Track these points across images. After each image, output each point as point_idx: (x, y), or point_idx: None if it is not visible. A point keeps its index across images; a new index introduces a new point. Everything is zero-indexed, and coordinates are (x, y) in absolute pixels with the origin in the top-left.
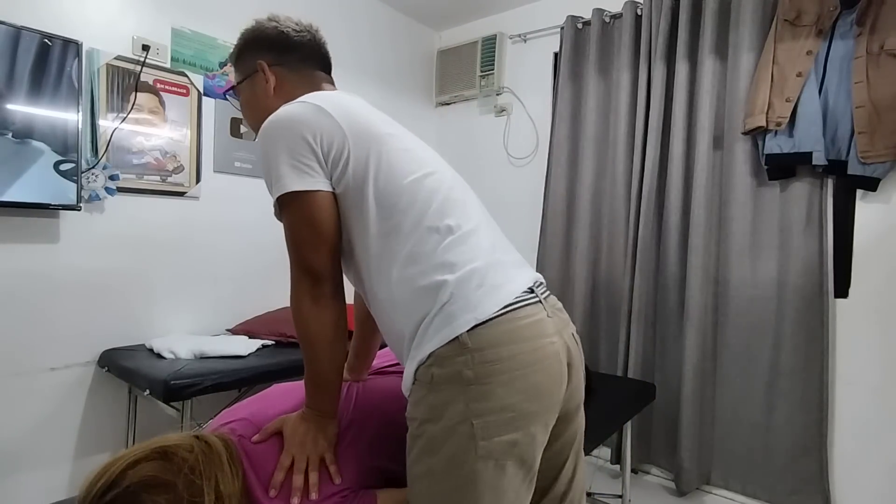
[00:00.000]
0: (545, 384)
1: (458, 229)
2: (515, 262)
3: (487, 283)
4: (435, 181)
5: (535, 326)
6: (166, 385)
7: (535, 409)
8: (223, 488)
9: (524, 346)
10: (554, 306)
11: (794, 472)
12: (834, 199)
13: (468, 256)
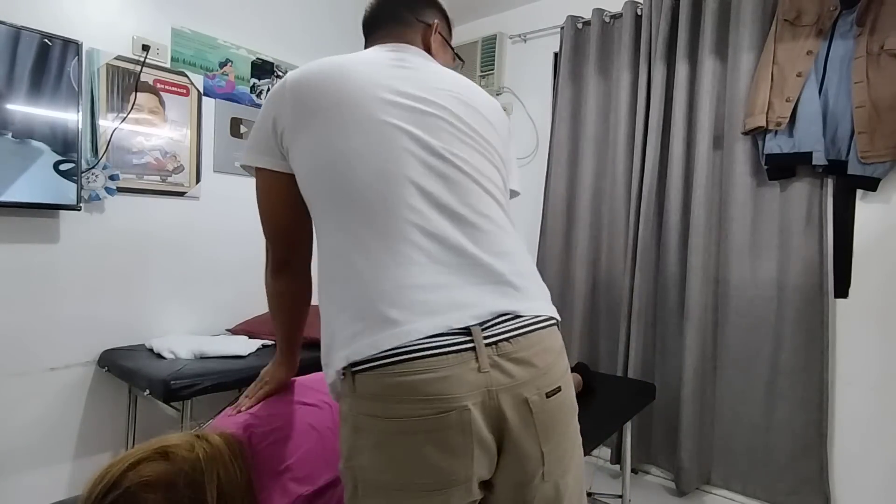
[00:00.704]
0: (432, 458)
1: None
2: (451, 286)
3: (370, 316)
4: None
5: (433, 385)
6: (166, 385)
7: (416, 482)
8: (226, 486)
9: (408, 408)
10: (509, 355)
11: (794, 472)
12: (834, 199)
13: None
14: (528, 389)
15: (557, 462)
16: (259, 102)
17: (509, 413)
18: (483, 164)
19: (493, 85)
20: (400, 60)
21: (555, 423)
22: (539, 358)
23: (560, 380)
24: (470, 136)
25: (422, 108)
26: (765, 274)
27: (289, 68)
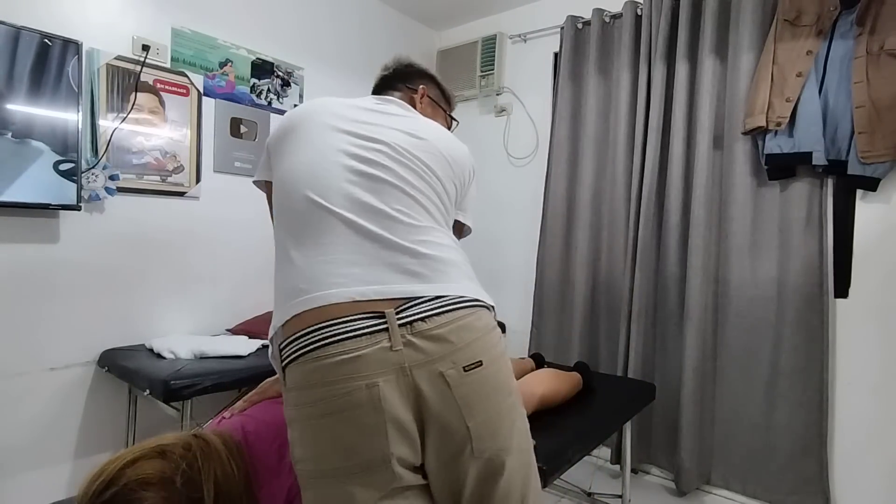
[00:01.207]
0: (348, 438)
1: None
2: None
3: (290, 293)
4: None
5: (345, 366)
6: (166, 385)
7: (338, 467)
8: (223, 484)
9: (322, 391)
10: (423, 333)
11: (794, 472)
12: (834, 199)
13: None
14: (444, 364)
15: (490, 438)
16: (259, 102)
17: (425, 388)
18: (416, 180)
19: (493, 85)
20: (379, 104)
21: (478, 397)
22: (455, 335)
23: (482, 355)
24: (409, 161)
25: (369, 135)
26: (765, 274)
27: (289, 68)
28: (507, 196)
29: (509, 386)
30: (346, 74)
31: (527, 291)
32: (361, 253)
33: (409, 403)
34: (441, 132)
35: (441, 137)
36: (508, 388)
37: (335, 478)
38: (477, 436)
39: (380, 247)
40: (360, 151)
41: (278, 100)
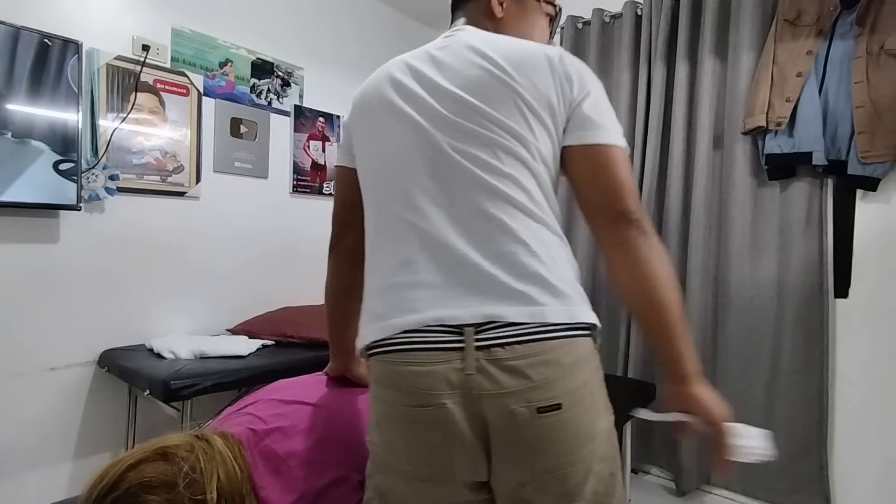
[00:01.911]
0: (415, 447)
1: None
2: (439, 285)
3: (371, 309)
4: None
5: (415, 378)
6: (166, 385)
7: (405, 468)
8: (226, 486)
9: (395, 395)
10: (500, 361)
11: (794, 472)
12: (834, 199)
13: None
14: (515, 400)
15: (555, 483)
16: (259, 102)
17: (492, 420)
18: (487, 154)
19: None
20: (439, 51)
21: (548, 443)
22: (535, 370)
23: (563, 397)
24: (478, 126)
25: (429, 112)
26: (765, 274)
27: (289, 68)
28: None
29: (591, 432)
30: (346, 74)
31: None
32: (439, 272)
33: (476, 427)
34: (513, 53)
35: (519, 64)
36: (590, 434)
37: (402, 474)
38: (540, 482)
39: (457, 263)
40: (432, 131)
41: (278, 100)
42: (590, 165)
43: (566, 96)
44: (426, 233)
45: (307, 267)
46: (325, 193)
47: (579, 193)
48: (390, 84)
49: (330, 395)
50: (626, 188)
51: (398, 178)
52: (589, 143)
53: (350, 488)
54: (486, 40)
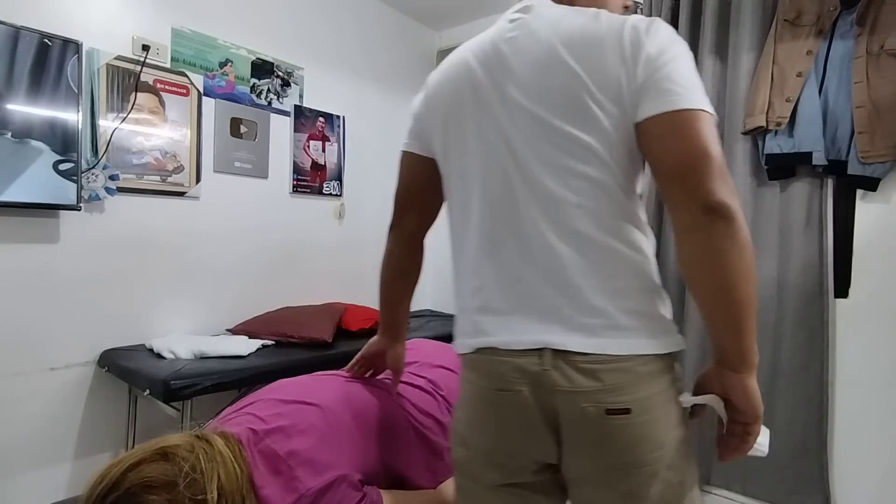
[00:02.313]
0: (490, 425)
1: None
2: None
3: (458, 326)
4: None
5: (499, 367)
6: (166, 385)
7: (479, 444)
8: (226, 486)
9: (481, 379)
10: (575, 363)
11: (794, 472)
12: (834, 199)
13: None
14: (586, 399)
15: (618, 482)
16: (259, 102)
17: (562, 413)
18: (557, 185)
19: None
20: (511, 29)
21: (614, 443)
22: (608, 375)
23: (632, 403)
24: (549, 148)
25: (506, 124)
26: (765, 274)
27: (289, 68)
28: None
29: (660, 440)
30: (346, 74)
31: None
32: (507, 301)
33: (548, 417)
34: (579, 37)
35: (572, 42)
36: (659, 441)
37: (478, 448)
38: (604, 476)
39: (525, 293)
40: (495, 164)
41: (278, 100)
42: (664, 134)
43: (637, 73)
44: (498, 263)
45: (307, 267)
46: (325, 193)
47: (654, 169)
48: (469, 86)
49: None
50: (709, 161)
51: (477, 204)
52: (660, 112)
53: (350, 487)
54: (555, 27)
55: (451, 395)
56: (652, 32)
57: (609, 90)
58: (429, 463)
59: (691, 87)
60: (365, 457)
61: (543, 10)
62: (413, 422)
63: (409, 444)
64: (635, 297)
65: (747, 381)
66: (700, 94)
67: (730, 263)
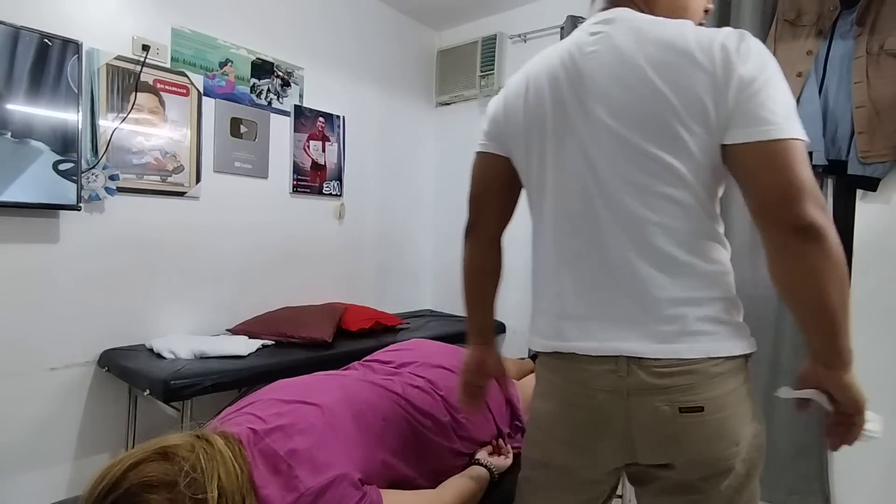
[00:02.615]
0: (565, 422)
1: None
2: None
3: (535, 326)
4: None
5: (576, 373)
6: (166, 385)
7: (555, 435)
8: (227, 485)
9: (559, 379)
10: (649, 368)
11: (794, 472)
12: (834, 199)
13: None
14: (660, 399)
15: (690, 470)
16: (259, 102)
17: (636, 416)
18: (638, 204)
19: (493, 85)
20: (592, 42)
21: (688, 439)
22: (680, 377)
23: (706, 402)
24: (631, 168)
25: (588, 142)
26: (765, 274)
27: (289, 68)
28: None
29: (736, 436)
30: (346, 75)
31: (527, 291)
32: (585, 307)
33: (621, 418)
34: (667, 48)
35: (672, 61)
36: (734, 437)
37: (552, 436)
38: (679, 470)
39: (600, 302)
40: (576, 181)
41: (278, 100)
42: (755, 164)
43: (728, 98)
44: (577, 273)
45: (307, 267)
46: (325, 193)
47: (744, 192)
48: (551, 99)
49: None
50: (799, 188)
51: (551, 215)
52: (754, 141)
53: (350, 487)
54: (639, 42)
55: (451, 395)
56: (743, 53)
57: (697, 113)
58: (428, 463)
59: (786, 116)
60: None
61: (625, 23)
62: (413, 422)
63: (408, 443)
64: (710, 306)
65: (844, 377)
66: (794, 121)
67: (822, 279)
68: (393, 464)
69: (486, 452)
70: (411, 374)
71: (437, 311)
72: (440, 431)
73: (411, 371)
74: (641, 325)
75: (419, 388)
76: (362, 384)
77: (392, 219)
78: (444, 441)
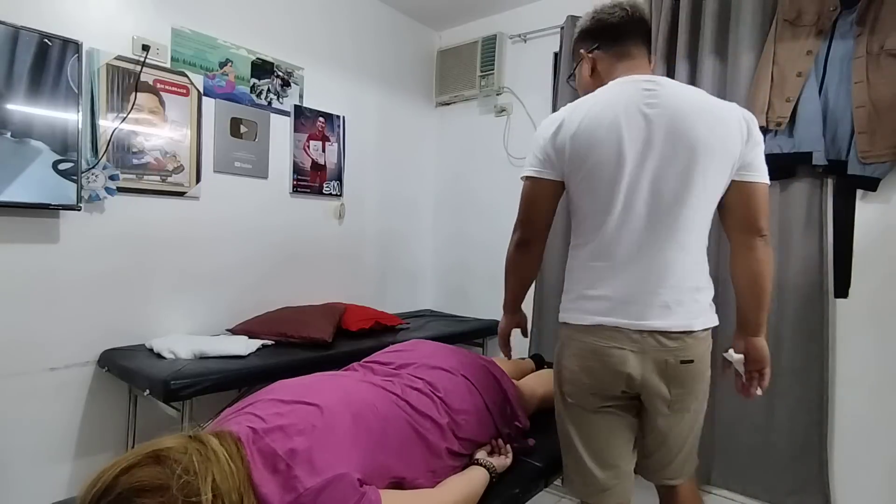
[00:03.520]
0: (598, 371)
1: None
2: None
3: (577, 304)
4: None
5: (607, 334)
6: (166, 385)
7: (588, 383)
8: (221, 486)
9: (590, 340)
10: (664, 333)
11: (794, 472)
12: (834, 199)
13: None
14: (669, 356)
15: (680, 402)
16: (259, 102)
17: (652, 364)
18: (669, 235)
19: (493, 85)
20: (649, 96)
21: (682, 379)
22: (681, 341)
23: (696, 357)
24: (684, 178)
25: (643, 197)
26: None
27: (289, 68)
28: (508, 196)
29: (706, 378)
30: (345, 75)
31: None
32: (619, 292)
33: (640, 367)
34: (688, 105)
35: (693, 108)
36: (706, 378)
37: (583, 386)
38: (674, 400)
39: (646, 286)
40: (627, 214)
41: (278, 100)
42: (747, 195)
43: (746, 150)
44: (619, 272)
45: (307, 267)
46: (325, 193)
47: (727, 208)
48: (616, 138)
49: (330, 394)
50: (766, 214)
51: (609, 223)
52: (754, 181)
53: (349, 487)
54: (682, 99)
55: (449, 396)
56: (753, 125)
57: (728, 156)
58: (427, 463)
59: (764, 165)
60: (364, 457)
61: (668, 84)
62: (412, 423)
63: (407, 444)
64: (703, 292)
65: (762, 341)
66: (765, 169)
67: (767, 269)
68: (392, 464)
69: (486, 452)
70: (411, 376)
71: (437, 311)
72: (439, 432)
73: (410, 372)
74: (665, 308)
75: (418, 390)
76: (362, 385)
77: (392, 219)
78: (442, 442)
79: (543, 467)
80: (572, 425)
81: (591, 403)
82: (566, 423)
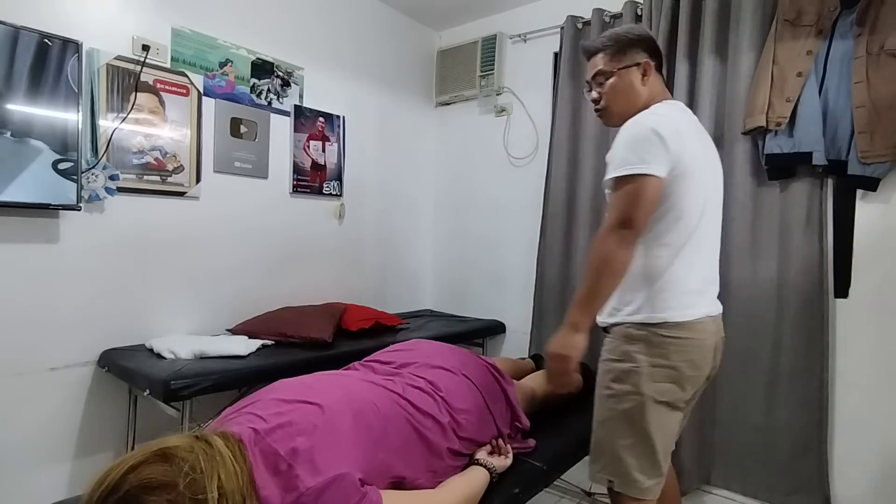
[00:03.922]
0: (698, 360)
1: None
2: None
3: (680, 303)
4: None
5: (700, 331)
6: (166, 385)
7: (690, 375)
8: (226, 485)
9: (692, 333)
10: (717, 320)
11: (794, 472)
12: (834, 199)
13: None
14: (723, 338)
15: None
16: (259, 102)
17: (718, 346)
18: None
19: (493, 85)
20: (695, 121)
21: (721, 355)
22: (721, 323)
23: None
24: (720, 176)
25: (712, 188)
26: (765, 274)
27: (289, 68)
28: (507, 196)
29: None
30: (345, 75)
31: (527, 291)
32: (708, 283)
33: (719, 352)
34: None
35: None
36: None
37: (687, 381)
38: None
39: (713, 277)
40: (703, 212)
41: (278, 100)
42: None
43: None
44: (702, 260)
45: (307, 267)
46: (325, 193)
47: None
48: (690, 143)
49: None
50: None
51: (690, 222)
52: None
53: (350, 487)
54: (691, 116)
55: (450, 395)
56: None
57: None
58: (428, 463)
59: None
60: (365, 457)
61: (680, 106)
62: (413, 422)
63: (408, 443)
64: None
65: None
66: None
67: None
68: (393, 464)
69: (486, 452)
70: (412, 375)
71: (437, 311)
72: (440, 432)
73: (412, 371)
74: (717, 294)
75: (419, 389)
76: (363, 384)
77: (392, 218)
78: (443, 441)
79: (543, 467)
80: (654, 424)
81: (682, 398)
82: (646, 424)
